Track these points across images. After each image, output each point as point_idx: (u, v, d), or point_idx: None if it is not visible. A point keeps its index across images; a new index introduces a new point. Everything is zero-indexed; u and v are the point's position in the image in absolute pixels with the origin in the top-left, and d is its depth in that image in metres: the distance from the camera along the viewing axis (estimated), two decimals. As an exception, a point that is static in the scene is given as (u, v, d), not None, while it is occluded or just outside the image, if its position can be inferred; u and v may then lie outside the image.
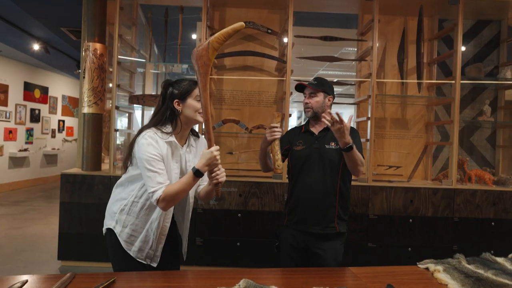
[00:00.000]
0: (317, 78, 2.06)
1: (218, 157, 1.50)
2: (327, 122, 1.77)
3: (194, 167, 1.49)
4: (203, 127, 3.31)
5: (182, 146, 1.66)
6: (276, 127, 1.82)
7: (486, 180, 3.40)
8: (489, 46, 3.90)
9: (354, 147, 1.83)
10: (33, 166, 8.11)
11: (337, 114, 1.75)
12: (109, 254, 1.65)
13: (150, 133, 1.53)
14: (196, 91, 1.59)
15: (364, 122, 3.53)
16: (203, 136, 1.81)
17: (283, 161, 1.98)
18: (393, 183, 3.34)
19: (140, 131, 1.58)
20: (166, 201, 1.47)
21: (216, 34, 1.45)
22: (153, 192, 1.47)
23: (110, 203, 1.69)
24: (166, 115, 1.59)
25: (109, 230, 1.63)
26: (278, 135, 1.83)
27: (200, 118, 1.60)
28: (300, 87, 2.07)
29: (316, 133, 2.03)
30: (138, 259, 1.60)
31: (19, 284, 1.24)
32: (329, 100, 2.03)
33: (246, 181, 3.25)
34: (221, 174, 1.53)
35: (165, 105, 1.60)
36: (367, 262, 3.20)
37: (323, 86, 2.02)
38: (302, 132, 2.09)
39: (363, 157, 1.94)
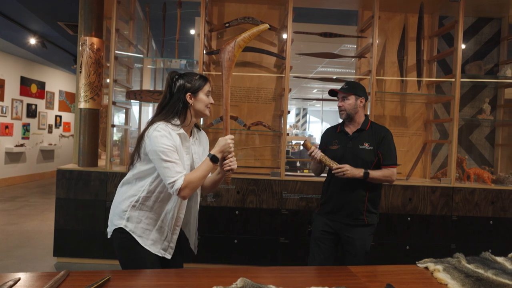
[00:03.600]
0: (348, 82, 2.24)
1: (231, 145, 1.60)
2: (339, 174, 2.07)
3: (210, 153, 1.58)
4: (201, 122, 3.29)
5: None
6: (313, 151, 2.09)
7: (484, 178, 3.39)
8: (489, 44, 3.88)
9: (370, 173, 2.06)
10: (30, 162, 8.06)
11: (338, 168, 2.05)
12: (119, 254, 1.61)
13: (162, 125, 1.53)
14: (207, 87, 1.65)
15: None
16: (203, 131, 1.85)
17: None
18: (391, 181, 3.32)
19: (149, 124, 1.57)
20: (189, 188, 1.49)
21: (243, 34, 1.60)
22: (174, 182, 1.46)
23: (116, 202, 1.65)
24: (179, 107, 1.59)
25: (119, 230, 1.58)
26: (318, 155, 2.09)
27: (208, 112, 1.67)
28: (332, 92, 2.26)
29: (350, 133, 2.20)
30: (153, 252, 1.59)
31: (11, 282, 1.21)
32: (361, 101, 2.19)
33: (244, 178, 3.23)
34: (233, 161, 1.63)
35: (175, 97, 1.60)
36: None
37: (354, 89, 2.17)
38: (337, 132, 2.27)
39: (396, 161, 2.17)
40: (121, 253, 1.61)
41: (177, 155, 1.52)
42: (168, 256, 1.63)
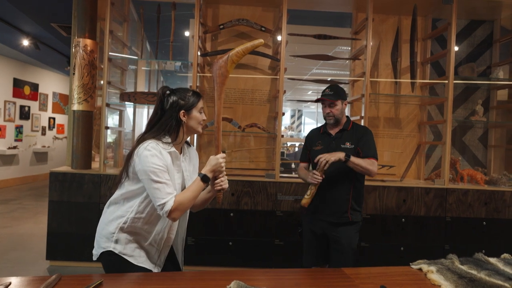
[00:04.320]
0: (332, 87, 2.26)
1: (223, 164, 1.55)
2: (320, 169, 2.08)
3: (200, 172, 1.52)
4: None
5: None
6: (318, 175, 2.07)
7: (478, 179, 3.42)
8: (482, 46, 3.91)
9: (352, 158, 2.07)
10: (23, 164, 7.98)
11: (319, 161, 2.06)
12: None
13: (153, 144, 1.48)
14: (200, 104, 1.61)
15: (357, 122, 3.51)
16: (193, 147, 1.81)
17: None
18: (386, 182, 3.34)
19: (138, 142, 1.52)
20: (179, 210, 1.44)
21: (236, 49, 1.55)
22: (164, 203, 1.41)
23: (103, 224, 1.58)
24: (171, 125, 1.54)
25: (107, 253, 1.53)
26: (315, 182, 2.08)
27: (200, 129, 1.64)
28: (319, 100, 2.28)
29: (333, 134, 2.27)
30: (148, 267, 1.55)
31: (1, 287, 1.19)
32: (345, 104, 2.26)
33: (238, 180, 3.22)
34: (225, 181, 1.59)
35: (167, 114, 1.54)
36: (359, 262, 3.20)
37: (339, 94, 2.23)
38: (321, 134, 2.34)
39: (376, 158, 2.17)
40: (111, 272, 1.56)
41: (168, 175, 1.47)
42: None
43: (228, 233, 3.21)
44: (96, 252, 1.57)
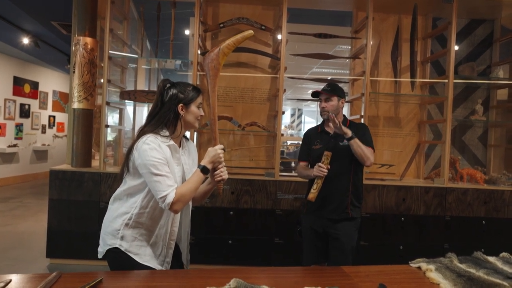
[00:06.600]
0: (330, 84, 2.32)
1: (221, 155, 1.57)
2: (333, 123, 2.16)
3: (200, 164, 1.55)
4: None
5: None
6: (323, 168, 2.09)
7: (477, 179, 3.42)
8: (482, 45, 3.91)
9: (356, 139, 2.13)
10: (23, 162, 7.99)
11: (333, 117, 2.12)
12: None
13: (151, 138, 1.49)
14: (199, 99, 1.62)
15: (357, 120, 3.51)
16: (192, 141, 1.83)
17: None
18: (385, 181, 3.34)
19: (138, 136, 1.53)
20: (181, 202, 1.45)
21: (227, 41, 1.57)
22: (165, 196, 1.42)
23: (107, 221, 1.59)
24: (169, 118, 1.55)
25: (113, 250, 1.53)
26: (321, 174, 2.09)
27: (197, 124, 1.66)
28: (315, 94, 2.34)
29: (331, 132, 2.28)
30: (152, 266, 1.55)
31: (2, 284, 1.20)
32: (342, 102, 2.29)
33: (238, 178, 3.23)
34: (224, 172, 1.60)
35: (166, 106, 1.56)
36: (359, 260, 3.21)
37: (336, 91, 2.28)
38: (319, 132, 2.36)
39: (373, 149, 2.23)
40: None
41: (168, 168, 1.48)
42: None
43: (227, 232, 3.22)
44: (101, 250, 1.58)
